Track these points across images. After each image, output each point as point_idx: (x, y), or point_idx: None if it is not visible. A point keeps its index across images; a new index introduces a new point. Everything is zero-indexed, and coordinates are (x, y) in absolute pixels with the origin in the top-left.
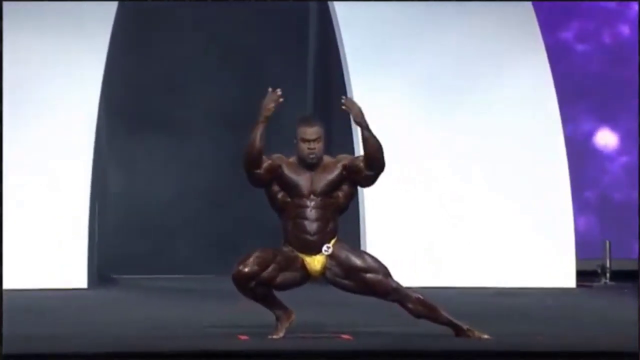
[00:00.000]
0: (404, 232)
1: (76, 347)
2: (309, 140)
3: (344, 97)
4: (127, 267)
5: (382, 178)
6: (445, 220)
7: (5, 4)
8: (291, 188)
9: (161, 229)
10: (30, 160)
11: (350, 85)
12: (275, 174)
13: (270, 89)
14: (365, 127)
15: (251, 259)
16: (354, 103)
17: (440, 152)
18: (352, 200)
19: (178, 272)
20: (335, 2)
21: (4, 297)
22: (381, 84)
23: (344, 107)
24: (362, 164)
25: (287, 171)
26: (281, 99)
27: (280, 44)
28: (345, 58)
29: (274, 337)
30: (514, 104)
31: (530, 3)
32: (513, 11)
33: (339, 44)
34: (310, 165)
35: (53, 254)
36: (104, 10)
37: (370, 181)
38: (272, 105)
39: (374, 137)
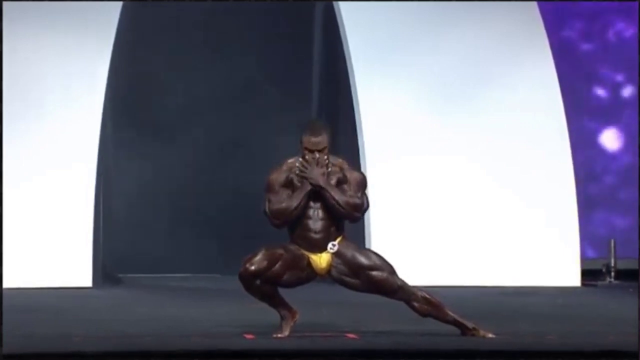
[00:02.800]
0: (409, 231)
1: (81, 345)
2: (312, 150)
3: (301, 164)
4: (133, 265)
5: (388, 177)
6: (450, 220)
7: (8, 3)
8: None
9: (167, 228)
10: (36, 158)
11: (355, 86)
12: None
13: (314, 159)
14: (324, 189)
15: (258, 257)
16: (311, 169)
17: (445, 151)
18: None
19: (183, 271)
20: (340, 3)
21: (10, 295)
22: (386, 84)
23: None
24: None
25: (291, 186)
26: (329, 169)
27: (285, 44)
28: (350, 59)
29: (279, 336)
30: (519, 104)
31: (535, 3)
32: (518, 11)
33: (344, 44)
34: None
35: (58, 252)
36: (109, 9)
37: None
38: (320, 180)
39: (334, 198)
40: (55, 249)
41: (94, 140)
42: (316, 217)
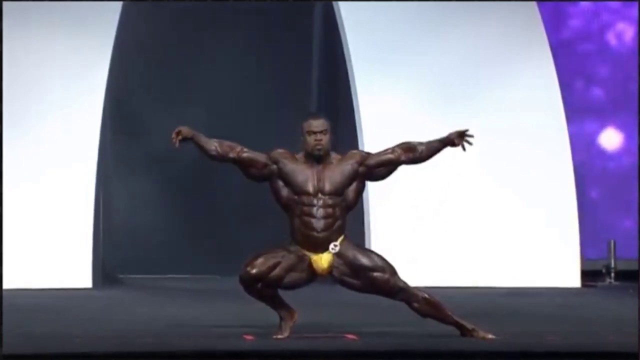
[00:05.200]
0: (409, 231)
1: (80, 346)
2: (315, 132)
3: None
4: (133, 266)
5: (388, 177)
6: (450, 220)
7: (7, 4)
8: (295, 184)
9: (166, 229)
10: (36, 159)
11: (354, 85)
12: (267, 170)
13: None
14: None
15: (258, 260)
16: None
17: (445, 151)
18: (360, 197)
19: (183, 272)
20: (340, 3)
21: (10, 296)
22: (386, 84)
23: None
24: (393, 156)
25: (289, 167)
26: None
27: (284, 44)
28: (349, 58)
29: (279, 337)
30: (519, 104)
31: (535, 3)
32: (518, 11)
33: (343, 44)
34: (317, 159)
35: (58, 253)
36: (109, 9)
37: (391, 173)
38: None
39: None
40: (55, 250)
41: (94, 141)
42: (319, 216)
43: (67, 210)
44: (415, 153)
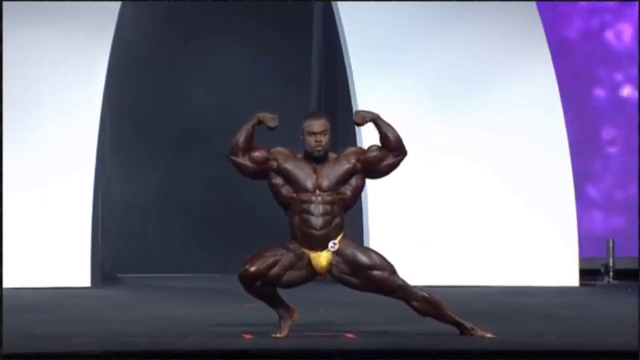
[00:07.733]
0: (408, 231)
1: (80, 345)
2: (315, 133)
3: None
4: (131, 265)
5: (387, 176)
6: (449, 220)
7: (7, 4)
8: (294, 181)
9: (165, 228)
10: (35, 160)
11: (353, 84)
12: (267, 166)
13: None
14: (377, 118)
15: (257, 259)
16: (358, 114)
17: (445, 151)
18: (359, 195)
19: (182, 271)
20: (339, 3)
21: (9, 295)
22: (384, 83)
23: (356, 123)
24: (382, 152)
25: (288, 164)
26: (275, 124)
27: (284, 43)
28: (348, 58)
29: (278, 335)
30: (518, 104)
31: (534, 3)
32: (517, 11)
33: (342, 43)
34: (317, 158)
35: (57, 252)
36: (107, 9)
37: (392, 168)
38: (272, 122)
39: (388, 123)
40: (54, 249)
41: (92, 141)
42: (317, 214)
43: (66, 209)
44: (381, 143)
